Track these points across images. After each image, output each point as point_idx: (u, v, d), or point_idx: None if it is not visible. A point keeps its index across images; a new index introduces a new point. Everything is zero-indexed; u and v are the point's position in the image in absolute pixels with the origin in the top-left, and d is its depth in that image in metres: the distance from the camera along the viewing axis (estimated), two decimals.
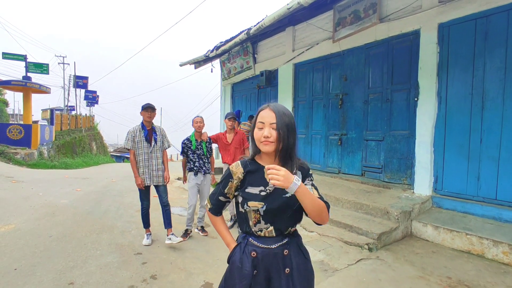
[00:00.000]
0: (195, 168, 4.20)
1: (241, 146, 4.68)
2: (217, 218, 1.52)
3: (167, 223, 3.98)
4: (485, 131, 3.99)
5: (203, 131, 4.32)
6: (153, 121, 4.05)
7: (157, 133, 3.96)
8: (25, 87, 13.72)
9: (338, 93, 6.11)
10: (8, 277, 2.96)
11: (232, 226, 4.58)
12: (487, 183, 3.98)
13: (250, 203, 1.32)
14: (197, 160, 4.17)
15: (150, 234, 4.03)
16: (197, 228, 4.40)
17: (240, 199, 1.39)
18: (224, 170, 4.86)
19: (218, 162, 6.43)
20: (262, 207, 1.31)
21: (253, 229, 1.36)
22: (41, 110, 41.37)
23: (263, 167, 1.30)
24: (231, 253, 1.43)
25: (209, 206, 1.51)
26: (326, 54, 6.30)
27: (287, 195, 1.31)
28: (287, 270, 1.34)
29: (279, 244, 1.34)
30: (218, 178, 5.63)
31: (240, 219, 1.43)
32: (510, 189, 3.78)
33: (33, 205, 5.73)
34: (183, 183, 4.67)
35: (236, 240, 1.48)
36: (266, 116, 1.32)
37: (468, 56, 4.16)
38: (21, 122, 31.05)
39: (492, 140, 3.92)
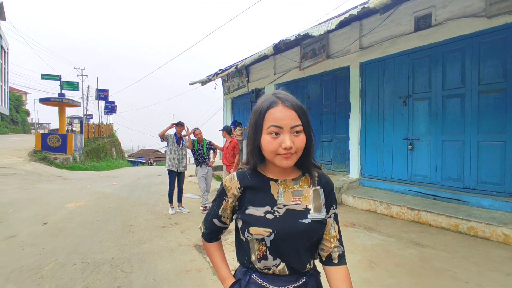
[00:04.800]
0: (199, 162, 6.42)
1: (232, 152, 6.42)
2: (210, 245, 1.15)
3: (179, 200, 6.26)
4: (385, 133, 6.15)
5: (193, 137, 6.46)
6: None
7: (184, 139, 6.23)
8: (61, 102, 16.46)
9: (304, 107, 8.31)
10: (95, 223, 5.29)
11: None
12: (387, 167, 6.13)
13: (253, 230, 0.94)
14: (200, 157, 6.39)
15: (173, 207, 6.26)
16: (202, 206, 6.58)
17: (239, 224, 1.01)
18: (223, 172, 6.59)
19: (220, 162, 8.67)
20: (269, 236, 0.93)
21: (257, 266, 0.99)
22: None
23: (270, 180, 1.01)
24: None
25: (202, 230, 1.17)
26: (296, 78, 8.53)
27: (306, 220, 0.96)
28: None
29: (293, 286, 0.97)
30: (217, 173, 8.11)
31: (239, 249, 1.07)
32: (398, 171, 5.93)
33: (88, 192, 8.13)
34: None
35: (234, 274, 1.10)
36: (284, 117, 0.91)
37: (376, 85, 6.32)
38: (42, 131, 34.21)
39: (389, 140, 6.09)
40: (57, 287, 3.01)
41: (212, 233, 1.14)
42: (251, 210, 0.98)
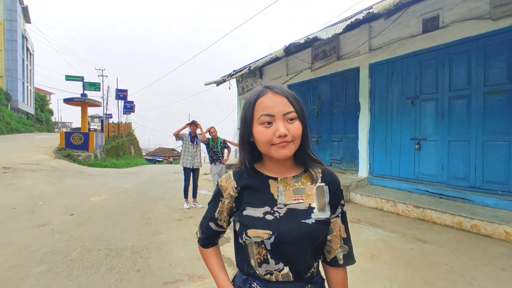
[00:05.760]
0: (213, 160, 6.76)
1: None
2: (207, 251, 1.06)
3: (194, 195, 6.62)
4: (393, 133, 6.28)
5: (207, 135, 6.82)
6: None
7: (198, 138, 6.59)
8: (84, 102, 17.27)
9: (315, 107, 8.53)
10: (116, 215, 5.71)
11: None
12: (394, 167, 6.26)
13: (251, 232, 0.87)
14: (214, 155, 6.73)
15: (188, 202, 6.63)
16: None
17: (237, 226, 0.94)
18: None
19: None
20: (269, 238, 0.86)
21: (257, 272, 0.91)
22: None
23: (268, 178, 0.94)
24: None
25: (198, 235, 1.08)
26: (307, 79, 8.73)
27: (309, 220, 0.88)
28: None
29: None
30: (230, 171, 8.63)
31: (238, 254, 1.00)
32: (405, 170, 6.05)
33: (109, 187, 8.63)
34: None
35: (233, 281, 1.02)
36: (275, 104, 0.86)
37: (384, 86, 6.46)
38: (64, 130, 35.78)
39: (396, 139, 6.21)
40: (84, 269, 3.39)
41: (208, 238, 1.06)
42: (249, 211, 0.91)
